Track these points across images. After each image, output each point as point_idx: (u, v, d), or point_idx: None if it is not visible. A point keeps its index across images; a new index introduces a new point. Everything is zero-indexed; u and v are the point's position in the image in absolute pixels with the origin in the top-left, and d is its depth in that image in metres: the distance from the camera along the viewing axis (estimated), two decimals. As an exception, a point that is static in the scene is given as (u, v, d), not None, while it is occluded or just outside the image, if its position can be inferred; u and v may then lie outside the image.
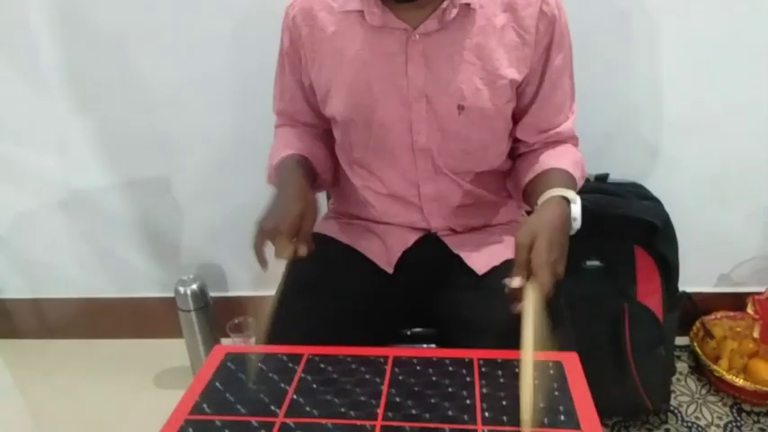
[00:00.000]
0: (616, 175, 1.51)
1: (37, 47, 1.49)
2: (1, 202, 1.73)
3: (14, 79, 1.53)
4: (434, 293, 1.07)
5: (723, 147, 1.47)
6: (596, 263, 1.46)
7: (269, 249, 0.91)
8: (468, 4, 0.95)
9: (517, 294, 0.81)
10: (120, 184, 1.67)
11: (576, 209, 0.91)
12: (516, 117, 1.06)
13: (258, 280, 1.75)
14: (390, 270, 1.09)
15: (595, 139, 1.34)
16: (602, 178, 1.50)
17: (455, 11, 0.95)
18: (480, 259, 1.07)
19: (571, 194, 0.92)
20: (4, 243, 1.80)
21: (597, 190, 1.48)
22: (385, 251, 1.11)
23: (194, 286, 1.61)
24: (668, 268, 1.45)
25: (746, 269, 1.62)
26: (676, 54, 1.38)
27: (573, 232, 0.92)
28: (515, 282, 0.81)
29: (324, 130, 1.14)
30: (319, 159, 1.08)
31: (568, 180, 0.98)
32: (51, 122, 1.59)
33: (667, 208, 1.46)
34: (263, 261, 0.91)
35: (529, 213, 1.05)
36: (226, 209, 1.69)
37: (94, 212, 1.73)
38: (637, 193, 1.48)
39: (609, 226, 1.42)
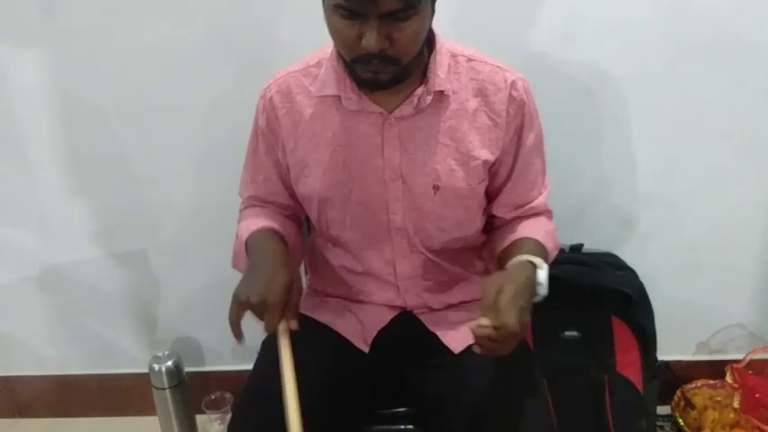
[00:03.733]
0: (590, 246, 1.53)
1: (19, 123, 1.50)
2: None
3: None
4: (411, 372, 1.07)
5: (694, 218, 1.51)
6: (574, 333, 1.47)
7: (246, 323, 0.90)
8: (441, 91, 0.99)
9: (482, 341, 0.83)
10: (97, 258, 1.66)
11: (543, 274, 0.93)
12: (491, 196, 1.09)
13: (235, 354, 1.72)
14: (366, 349, 1.09)
15: (569, 210, 1.37)
16: (576, 248, 1.52)
17: (429, 97, 0.98)
18: (457, 337, 1.07)
19: (538, 260, 0.94)
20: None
21: (572, 260, 1.49)
22: (361, 330, 1.11)
23: (169, 363, 1.58)
24: (646, 338, 1.46)
25: (724, 337, 1.64)
26: (643, 129, 1.43)
27: (539, 298, 0.94)
28: (483, 320, 0.83)
29: (292, 215, 1.15)
30: (291, 237, 1.08)
31: (539, 249, 1.01)
32: (30, 197, 1.58)
33: (642, 278, 1.49)
34: (238, 335, 0.90)
35: None
36: (202, 282, 1.67)
37: (69, 287, 1.70)
38: (611, 263, 1.50)
39: (585, 296, 1.44)
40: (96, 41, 1.40)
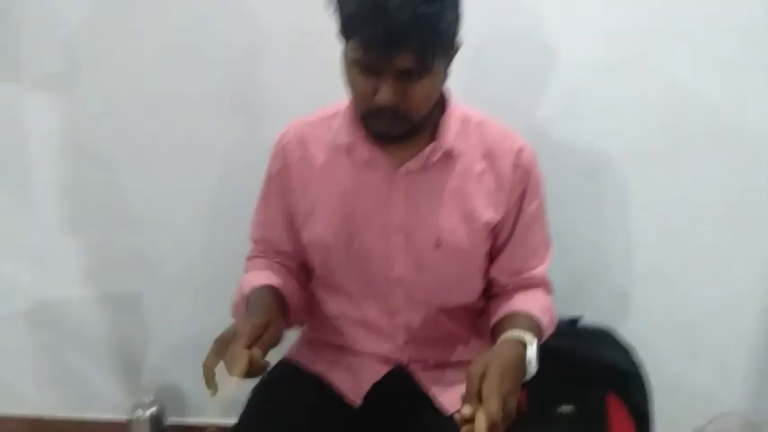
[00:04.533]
0: (588, 320, 1.52)
1: (26, 157, 1.53)
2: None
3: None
4: (403, 430, 1.04)
5: (693, 298, 1.50)
6: (569, 408, 1.43)
7: (222, 369, 0.84)
8: (450, 150, 1.02)
9: (468, 426, 0.80)
10: (89, 297, 1.64)
11: (532, 352, 0.92)
12: (491, 258, 1.10)
13: (209, 406, 1.68)
14: (359, 403, 1.07)
15: (567, 283, 1.37)
16: (575, 321, 1.51)
17: (438, 155, 1.01)
18: (450, 397, 1.05)
19: (528, 337, 0.93)
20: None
21: (569, 334, 1.48)
22: (354, 383, 1.09)
23: (152, 410, 1.54)
24: (642, 419, 1.42)
25: (721, 425, 1.59)
26: (642, 206, 1.46)
27: (529, 377, 0.92)
28: (465, 409, 0.80)
29: (299, 266, 1.16)
30: (292, 295, 1.08)
31: (532, 324, 1.00)
32: (28, 232, 1.59)
33: (639, 356, 1.47)
34: (210, 382, 0.83)
35: None
36: (193, 329, 1.65)
37: (58, 325, 1.68)
38: (609, 339, 1.49)
39: (581, 371, 1.41)
40: (112, 87, 1.45)
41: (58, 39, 1.42)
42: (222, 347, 0.85)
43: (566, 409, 1.44)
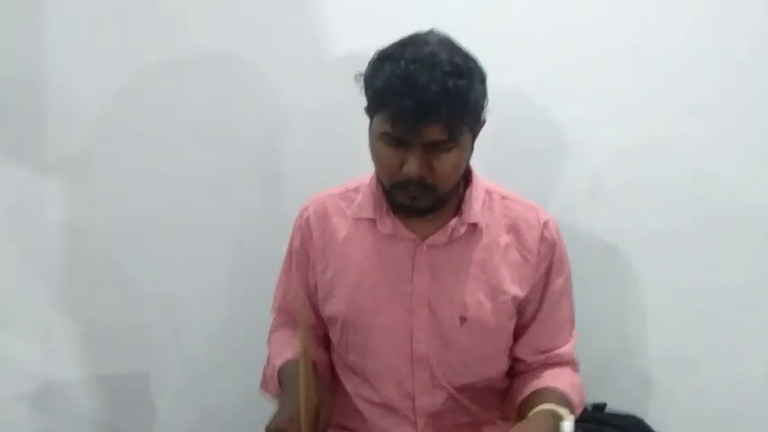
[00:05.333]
0: (612, 406, 1.46)
1: (41, 241, 1.52)
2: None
3: (16, 265, 1.54)
4: None
5: (719, 383, 1.44)
6: (597, 503, 1.35)
7: None
8: (475, 224, 1.01)
9: None
10: (94, 378, 1.58)
11: (568, 426, 0.88)
12: (516, 335, 1.07)
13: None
14: (377, 492, 1.01)
15: (590, 367, 1.31)
16: (599, 407, 1.45)
17: (463, 228, 1.01)
18: (477, 485, 0.99)
19: (563, 411, 0.90)
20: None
21: (595, 420, 1.42)
22: (373, 469, 1.03)
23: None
24: None
25: None
26: (664, 287, 1.43)
27: None
28: None
29: (321, 338, 1.13)
30: (320, 363, 1.06)
31: (563, 400, 0.97)
32: (35, 308, 1.55)
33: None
34: None
35: None
36: (205, 414, 1.58)
37: (61, 411, 1.61)
38: (637, 426, 1.42)
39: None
40: (132, 166, 1.46)
41: (83, 118, 1.45)
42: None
43: (594, 503, 1.35)
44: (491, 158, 1.34)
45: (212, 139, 1.45)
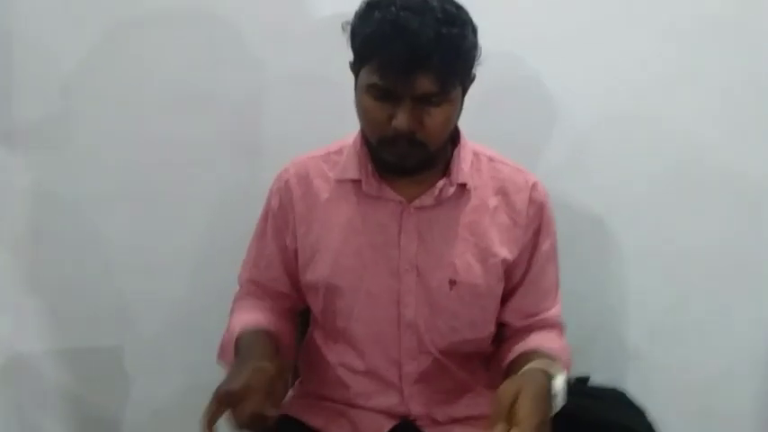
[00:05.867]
0: (596, 379, 1.45)
1: (12, 207, 1.46)
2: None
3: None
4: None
5: (706, 357, 1.44)
6: (579, 476, 1.33)
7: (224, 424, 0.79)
8: (464, 184, 0.98)
9: None
10: (66, 351, 1.53)
11: (559, 384, 0.86)
12: (503, 300, 1.04)
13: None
14: (361, 461, 0.98)
15: (573, 341, 1.30)
16: (582, 380, 1.43)
17: (452, 189, 0.98)
18: (463, 454, 0.97)
19: (553, 369, 0.88)
20: None
21: (578, 393, 1.40)
22: (355, 439, 1.00)
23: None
24: (658, 487, 1.33)
25: (739, 496, 1.50)
26: (651, 259, 1.42)
27: (555, 410, 0.86)
28: (497, 430, 0.74)
29: (291, 309, 1.09)
30: (284, 338, 1.01)
31: (551, 361, 0.94)
32: (7, 282, 1.50)
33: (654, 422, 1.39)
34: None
35: None
36: (177, 389, 1.54)
37: (27, 384, 1.55)
38: (621, 399, 1.41)
39: (590, 433, 1.33)
40: (106, 129, 1.40)
41: (56, 78, 1.39)
42: (228, 401, 0.79)
43: (575, 476, 1.34)
44: (476, 124, 1.31)
45: (191, 102, 1.39)
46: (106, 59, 1.37)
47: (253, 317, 1.01)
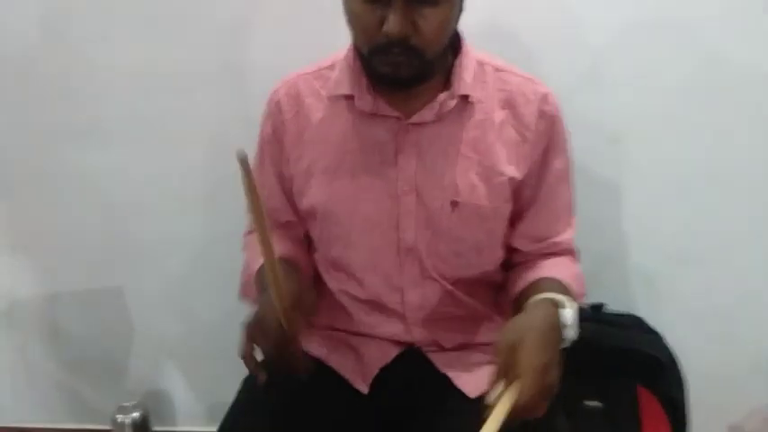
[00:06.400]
0: (611, 307, 1.40)
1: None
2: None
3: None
4: (417, 419, 0.91)
5: (726, 281, 1.38)
6: (596, 403, 1.30)
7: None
8: (466, 97, 0.90)
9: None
10: (66, 294, 1.52)
11: (570, 314, 0.81)
12: (511, 222, 0.97)
13: (212, 413, 1.54)
14: (365, 390, 0.94)
15: (587, 266, 1.23)
16: (597, 308, 1.39)
17: (453, 102, 0.90)
18: (471, 380, 0.92)
19: (561, 298, 0.82)
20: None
21: (592, 320, 1.36)
22: (360, 367, 0.96)
23: (135, 415, 1.39)
24: (677, 413, 1.29)
25: (759, 420, 1.46)
26: (670, 180, 1.34)
27: (566, 344, 0.81)
28: (497, 390, 0.69)
29: (300, 237, 1.04)
30: (302, 264, 0.97)
31: (562, 288, 0.88)
32: (5, 222, 1.46)
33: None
34: (257, 369, 0.79)
35: None
36: (182, 328, 1.52)
37: (34, 326, 1.55)
38: (637, 325, 1.36)
39: (608, 360, 1.28)
40: (87, 60, 1.34)
41: (31, 7, 1.31)
42: (257, 333, 0.79)
43: (592, 404, 1.31)
44: (482, 39, 1.22)
45: (173, 28, 1.31)
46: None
47: None
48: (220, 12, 1.30)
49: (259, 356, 0.81)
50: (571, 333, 0.80)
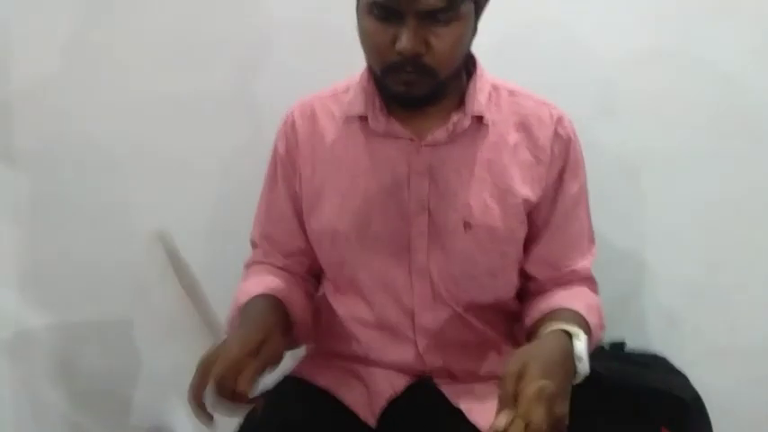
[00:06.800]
0: (633, 345, 1.35)
1: (11, 171, 1.42)
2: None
3: None
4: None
5: (751, 318, 1.33)
6: (617, 446, 1.24)
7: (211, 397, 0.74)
8: (480, 118, 0.90)
9: None
10: (74, 324, 1.50)
11: (581, 346, 0.77)
12: (526, 248, 0.95)
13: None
14: (373, 422, 0.90)
15: (607, 301, 1.20)
16: (617, 346, 1.34)
17: (467, 123, 0.89)
18: (485, 414, 0.87)
19: (575, 329, 0.78)
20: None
21: (614, 358, 1.31)
22: (368, 398, 0.92)
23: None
24: (703, 457, 1.22)
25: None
26: (691, 213, 1.31)
27: (579, 378, 0.77)
28: (501, 418, 0.65)
29: (308, 271, 1.02)
30: (296, 306, 0.93)
31: (577, 319, 0.85)
32: (9, 247, 1.46)
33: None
34: (202, 414, 0.74)
35: None
36: (190, 361, 1.49)
37: (39, 356, 1.52)
38: (661, 364, 1.31)
39: (632, 401, 1.23)
40: (106, 88, 1.35)
41: (52, 38, 1.34)
42: (208, 369, 0.74)
43: (613, 446, 1.25)
44: (496, 66, 1.22)
45: (191, 56, 1.33)
46: (101, 16, 1.32)
47: (260, 283, 0.94)
48: (235, 39, 1.32)
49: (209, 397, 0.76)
50: (584, 368, 0.77)
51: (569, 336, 0.78)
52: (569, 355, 0.76)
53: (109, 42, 1.34)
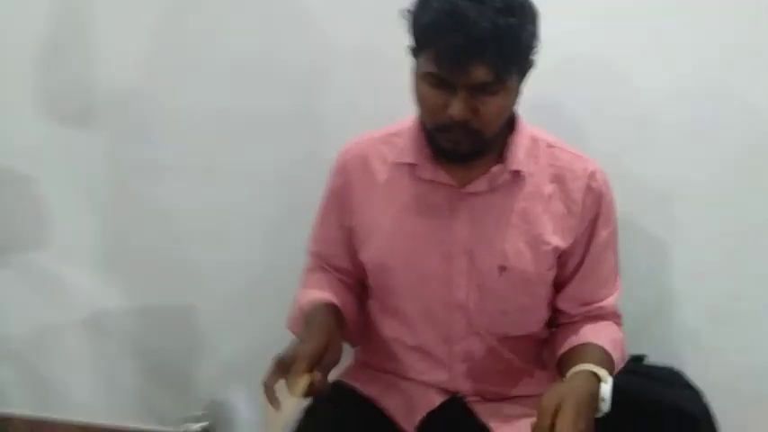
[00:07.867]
0: (653, 359, 1.43)
1: (89, 173, 1.57)
2: (25, 314, 1.72)
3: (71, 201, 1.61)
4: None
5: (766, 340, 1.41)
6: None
7: (282, 388, 0.87)
8: (518, 171, 0.98)
9: None
10: (146, 308, 1.67)
11: (606, 389, 0.88)
12: (558, 287, 1.05)
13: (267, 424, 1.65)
14: (412, 431, 1.03)
15: (632, 319, 1.29)
16: (638, 359, 1.43)
17: (506, 176, 0.98)
18: (511, 431, 1.00)
19: (603, 372, 0.89)
20: (18, 356, 1.76)
21: (632, 371, 1.40)
22: (408, 409, 1.05)
23: (203, 425, 1.52)
24: (711, 472, 1.32)
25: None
26: (716, 241, 1.37)
27: (600, 414, 0.88)
28: None
29: (355, 282, 1.14)
30: (348, 311, 1.06)
31: (604, 357, 0.96)
32: (92, 237, 1.62)
33: (708, 401, 1.37)
34: (273, 399, 0.85)
35: None
36: (246, 346, 1.64)
37: (115, 336, 1.70)
38: (675, 380, 1.39)
39: (642, 415, 1.32)
40: (166, 100, 1.48)
41: (126, 54, 1.46)
42: (282, 369, 0.86)
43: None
44: (535, 104, 1.29)
45: (255, 76, 1.44)
46: (172, 37, 1.44)
47: (320, 291, 1.06)
48: (298, 63, 1.42)
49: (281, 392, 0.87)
50: (605, 407, 0.87)
51: (598, 378, 0.89)
52: (596, 397, 0.87)
53: (177, 56, 1.46)
